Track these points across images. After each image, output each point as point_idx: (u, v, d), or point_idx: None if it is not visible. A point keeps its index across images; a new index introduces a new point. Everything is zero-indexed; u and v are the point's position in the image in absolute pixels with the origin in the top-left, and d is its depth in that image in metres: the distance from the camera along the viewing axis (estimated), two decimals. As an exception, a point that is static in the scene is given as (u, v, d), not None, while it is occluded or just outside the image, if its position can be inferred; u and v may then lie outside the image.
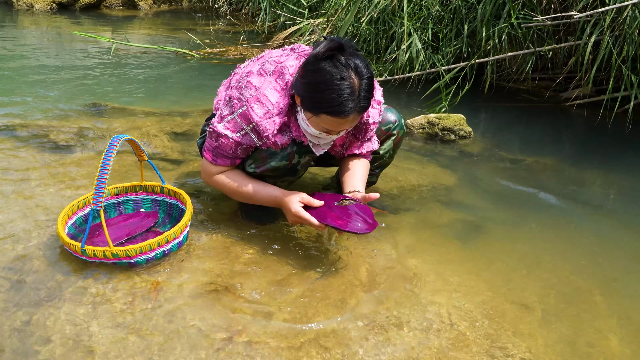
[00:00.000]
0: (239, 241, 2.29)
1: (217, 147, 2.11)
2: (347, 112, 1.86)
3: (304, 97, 1.93)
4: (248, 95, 2.01)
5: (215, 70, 4.79)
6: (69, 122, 3.40)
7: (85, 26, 6.22)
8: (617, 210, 2.83)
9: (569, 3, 3.97)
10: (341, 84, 1.83)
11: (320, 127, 1.96)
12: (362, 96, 1.86)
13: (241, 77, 2.09)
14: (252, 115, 2.00)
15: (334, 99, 1.84)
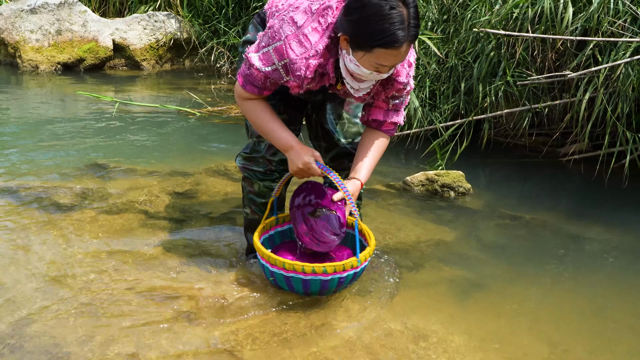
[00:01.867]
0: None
1: (249, 74, 2.12)
2: (400, 40, 1.86)
3: (354, 35, 1.92)
4: (288, 32, 2.01)
5: (217, 129, 4.86)
6: (71, 182, 3.44)
7: (89, 86, 6.33)
8: (616, 267, 2.84)
9: (562, 61, 4.06)
10: (391, 13, 1.83)
11: (373, 64, 1.94)
12: (412, 24, 1.87)
13: (288, 8, 2.07)
14: (288, 52, 2.00)
15: (386, 28, 1.84)
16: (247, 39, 2.35)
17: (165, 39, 7.36)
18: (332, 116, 2.51)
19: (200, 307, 2.26)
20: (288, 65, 2.03)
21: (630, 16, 3.61)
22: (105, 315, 2.17)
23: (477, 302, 2.42)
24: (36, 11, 6.96)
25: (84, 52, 6.99)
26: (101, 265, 2.53)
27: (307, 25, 2.00)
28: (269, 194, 2.47)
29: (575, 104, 3.85)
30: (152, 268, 2.54)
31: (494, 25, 4.01)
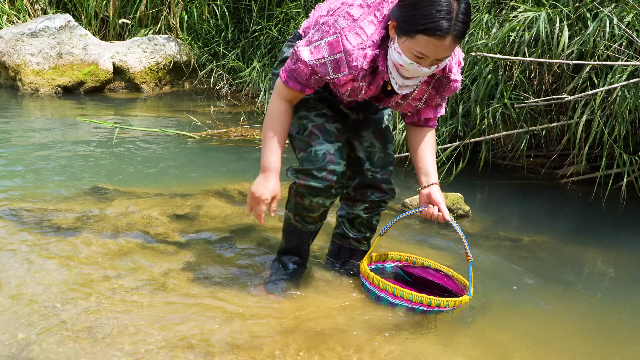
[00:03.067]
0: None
1: (294, 69, 2.11)
2: (443, 30, 1.84)
3: (400, 19, 1.92)
4: (344, 25, 2.01)
5: (216, 152, 4.88)
6: (71, 205, 3.45)
7: (90, 109, 6.37)
8: (615, 289, 2.84)
9: (559, 84, 4.09)
10: (440, 2, 1.82)
11: (414, 52, 1.92)
12: (460, 19, 1.85)
13: (342, 6, 2.09)
14: (344, 44, 2.00)
15: (432, 14, 1.82)
16: (285, 57, 2.36)
17: (165, 62, 7.41)
18: (365, 144, 2.50)
19: (204, 332, 2.26)
20: (341, 59, 2.03)
21: (625, 40, 3.65)
22: (105, 340, 2.17)
23: (475, 325, 2.42)
24: (37, 35, 7.02)
25: (84, 75, 7.04)
26: (100, 288, 2.53)
27: (364, 18, 2.01)
28: (319, 210, 2.39)
29: (573, 126, 3.88)
30: (152, 291, 2.54)
31: (491, 48, 4.05)
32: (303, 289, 2.60)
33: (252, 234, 3.20)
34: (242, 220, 3.36)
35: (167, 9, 7.53)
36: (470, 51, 4.23)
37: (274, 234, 3.20)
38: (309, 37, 2.11)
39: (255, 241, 3.10)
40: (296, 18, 6.40)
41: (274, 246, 3.04)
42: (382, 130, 2.53)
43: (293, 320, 2.36)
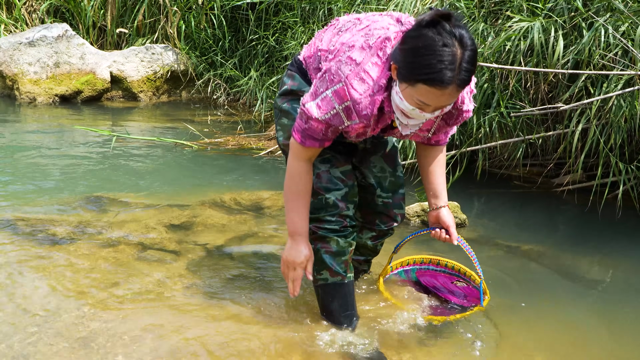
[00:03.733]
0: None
1: (307, 128, 2.01)
2: (445, 81, 1.73)
3: (401, 65, 1.81)
4: (347, 72, 1.90)
5: (213, 161, 4.89)
6: (67, 214, 3.44)
7: (87, 118, 6.37)
8: (610, 299, 2.85)
9: (555, 93, 4.11)
10: (442, 50, 1.71)
11: (415, 100, 1.82)
12: (464, 67, 1.74)
13: (342, 48, 1.97)
14: (351, 92, 1.90)
15: (432, 64, 1.72)
16: (286, 90, 2.24)
17: (162, 71, 7.42)
18: (375, 169, 2.44)
19: (200, 342, 2.25)
20: (351, 107, 1.92)
21: (621, 49, 3.67)
22: (100, 350, 2.16)
23: (477, 334, 2.42)
24: (34, 44, 7.03)
25: (82, 84, 7.05)
26: (96, 298, 2.52)
27: (367, 61, 1.90)
28: (349, 249, 2.28)
29: (569, 135, 3.89)
30: (148, 301, 2.54)
31: (487, 57, 4.06)
32: (300, 303, 2.60)
33: (248, 243, 3.20)
34: (238, 230, 3.36)
35: (165, 19, 7.55)
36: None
37: (271, 242, 3.20)
38: (314, 88, 2.01)
39: (251, 251, 3.10)
40: (293, 27, 6.41)
41: (270, 255, 3.04)
42: (390, 152, 2.47)
43: (290, 331, 2.36)
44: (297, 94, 2.20)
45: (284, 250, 2.21)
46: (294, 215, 2.17)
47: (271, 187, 4.06)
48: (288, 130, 2.20)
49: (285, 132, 2.25)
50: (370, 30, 1.96)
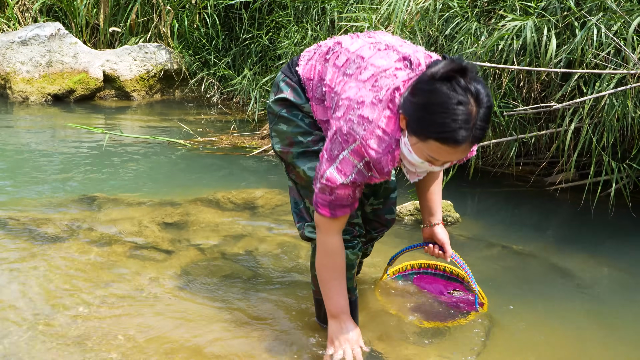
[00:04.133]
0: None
1: (334, 199, 1.92)
2: (459, 140, 1.65)
3: (412, 119, 1.72)
4: (362, 132, 1.80)
5: (207, 160, 4.88)
6: (60, 213, 3.43)
7: (79, 117, 6.35)
8: (603, 297, 2.86)
9: (548, 92, 4.12)
10: (457, 109, 1.63)
11: (425, 154, 1.75)
12: (478, 125, 1.65)
13: (351, 104, 1.84)
14: (369, 152, 1.81)
15: (446, 124, 1.64)
16: (285, 98, 2.11)
17: (155, 70, 7.40)
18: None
19: (193, 341, 2.25)
20: (371, 165, 1.85)
21: (613, 48, 3.68)
22: (94, 349, 2.16)
23: (470, 332, 2.43)
24: (27, 43, 7.00)
25: (75, 83, 7.02)
26: (89, 297, 2.52)
27: (380, 116, 1.79)
28: (357, 261, 2.21)
29: (561, 134, 3.90)
30: (141, 299, 2.53)
31: (480, 56, 4.07)
32: (294, 303, 2.60)
33: (241, 241, 3.19)
34: (231, 228, 3.35)
35: (158, 18, 7.52)
36: (459, 59, 4.26)
37: (264, 241, 3.19)
38: (328, 154, 1.89)
39: (244, 249, 3.10)
40: (287, 26, 6.40)
41: (263, 254, 3.04)
42: None
43: (284, 331, 2.36)
44: (297, 107, 2.09)
45: (330, 332, 2.11)
46: (336, 296, 2.06)
47: (264, 186, 4.06)
48: (287, 138, 2.11)
49: (284, 140, 2.13)
50: (378, 81, 1.84)
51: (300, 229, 2.22)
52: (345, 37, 2.07)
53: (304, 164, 2.09)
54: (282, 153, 2.16)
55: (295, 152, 2.11)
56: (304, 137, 2.10)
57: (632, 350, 2.39)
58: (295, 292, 2.66)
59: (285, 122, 2.12)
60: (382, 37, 2.03)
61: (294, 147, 2.11)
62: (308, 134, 2.10)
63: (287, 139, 2.12)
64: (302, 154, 2.10)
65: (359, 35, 2.06)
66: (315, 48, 2.12)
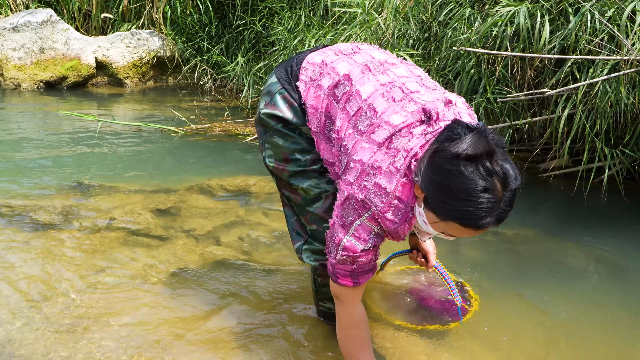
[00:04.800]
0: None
1: (357, 268, 1.79)
2: (481, 227, 1.54)
3: (432, 199, 1.59)
4: (379, 204, 1.67)
5: (200, 147, 4.86)
6: (53, 200, 3.42)
7: (72, 104, 6.32)
8: (595, 282, 2.87)
9: (542, 78, 4.11)
10: (481, 197, 1.49)
11: (442, 229, 1.64)
12: (502, 210, 1.53)
13: (365, 169, 1.69)
14: (386, 223, 1.70)
15: (469, 212, 1.52)
16: (281, 118, 1.95)
17: (148, 57, 7.37)
18: None
19: (187, 328, 2.25)
20: (387, 232, 1.75)
21: (607, 34, 3.67)
22: (86, 336, 2.16)
23: (457, 323, 2.44)
24: (18, 29, 6.95)
25: (67, 70, 6.99)
26: (82, 284, 2.52)
27: (397, 186, 1.66)
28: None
29: (555, 121, 3.90)
30: (134, 287, 2.53)
31: (473, 43, 4.06)
32: (288, 289, 2.60)
33: (235, 228, 3.19)
34: (225, 215, 3.35)
35: (150, 4, 7.48)
36: (453, 45, 4.24)
37: (258, 229, 3.19)
38: (340, 220, 1.77)
39: (238, 236, 3.10)
40: (280, 13, 6.37)
41: (257, 241, 3.04)
42: None
43: (277, 319, 2.36)
44: (295, 125, 1.94)
45: None
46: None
47: (258, 173, 4.05)
48: (283, 153, 1.97)
49: (278, 155, 1.98)
50: (393, 142, 1.68)
51: (298, 253, 2.10)
52: (354, 67, 1.86)
53: (302, 183, 1.98)
54: (275, 169, 2.01)
55: (291, 170, 1.98)
56: (301, 155, 1.96)
57: (622, 334, 2.40)
58: (289, 279, 2.66)
59: (282, 137, 1.96)
60: (396, 70, 1.84)
61: (289, 164, 1.97)
62: (306, 152, 1.96)
63: (283, 155, 1.97)
64: (300, 173, 1.97)
65: (369, 68, 1.84)
66: (320, 65, 1.91)
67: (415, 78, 1.82)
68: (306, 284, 2.61)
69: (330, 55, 1.92)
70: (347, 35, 5.08)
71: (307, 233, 2.06)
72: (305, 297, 2.50)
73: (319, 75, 1.89)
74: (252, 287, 2.57)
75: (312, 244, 2.04)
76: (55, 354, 2.04)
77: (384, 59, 1.89)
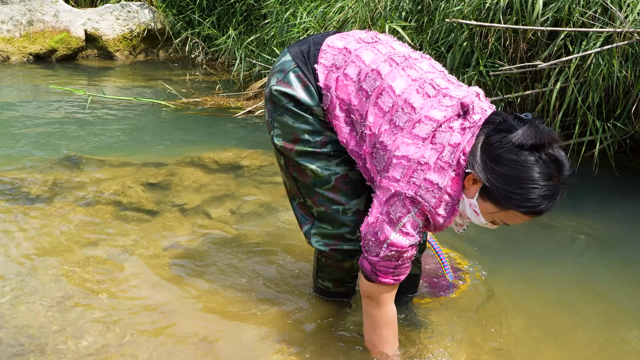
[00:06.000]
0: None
1: (401, 264, 1.79)
2: (542, 212, 1.62)
3: (496, 189, 1.61)
4: (432, 200, 1.67)
5: (191, 121, 4.84)
6: (42, 174, 3.40)
7: (62, 77, 6.26)
8: (585, 255, 2.89)
9: (534, 51, 4.09)
10: (546, 185, 1.57)
11: (496, 219, 1.69)
12: (560, 194, 1.62)
13: (411, 165, 1.68)
14: (436, 219, 1.72)
15: (534, 199, 1.58)
16: (292, 95, 1.90)
17: (138, 30, 7.29)
18: None
19: (175, 301, 2.26)
20: (434, 225, 1.76)
21: (600, 6, 3.65)
22: (76, 309, 2.16)
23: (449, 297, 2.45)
24: (7, 1, 6.86)
25: (56, 42, 6.91)
26: (73, 257, 2.51)
27: (448, 180, 1.67)
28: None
29: (547, 94, 3.89)
30: (125, 260, 2.53)
31: (466, 15, 4.03)
32: (279, 265, 2.61)
33: (226, 202, 3.19)
34: (216, 189, 3.34)
35: (141, -25, 7.39)
36: (445, 18, 4.21)
37: (249, 202, 3.19)
38: (387, 217, 1.73)
39: (229, 209, 3.09)
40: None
41: (248, 214, 3.04)
42: None
43: (270, 293, 2.37)
44: (308, 107, 1.90)
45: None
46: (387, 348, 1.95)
47: (249, 147, 4.04)
48: (292, 133, 1.92)
49: (287, 134, 1.93)
50: (436, 137, 1.67)
51: (306, 237, 2.07)
52: (378, 57, 1.82)
53: (311, 163, 1.93)
54: (282, 148, 1.96)
55: (299, 149, 1.93)
56: (311, 136, 1.91)
57: (610, 303, 2.42)
58: (280, 251, 2.67)
59: (292, 116, 1.91)
60: (421, 65, 1.82)
61: (297, 144, 1.92)
62: (317, 134, 1.91)
63: (292, 135, 1.92)
64: (309, 154, 1.93)
65: (395, 61, 1.81)
66: (342, 52, 1.87)
67: (439, 74, 1.82)
68: (298, 257, 2.61)
69: (352, 42, 1.88)
70: (339, 7, 5.03)
71: (313, 215, 2.03)
72: (298, 271, 2.50)
73: (343, 62, 1.85)
74: (243, 260, 2.58)
75: (320, 227, 2.01)
76: (47, 326, 2.04)
77: (407, 52, 1.87)
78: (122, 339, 2.00)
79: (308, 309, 2.24)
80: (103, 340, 2.00)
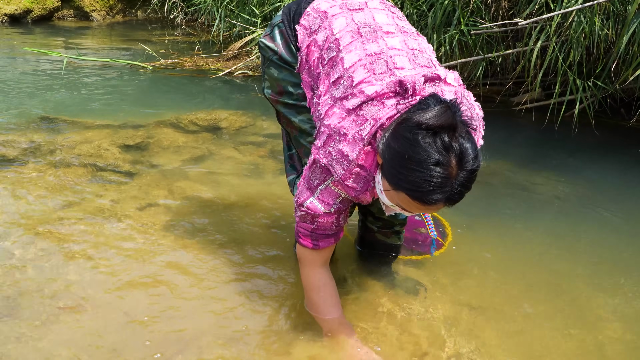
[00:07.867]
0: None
1: (316, 228, 1.80)
2: (429, 202, 1.49)
3: (387, 165, 1.53)
4: (340, 171, 1.64)
5: (170, 82, 4.77)
6: (18, 136, 3.35)
7: (37, 39, 6.13)
8: (565, 213, 2.90)
9: (516, 10, 4.06)
10: (433, 170, 1.45)
11: (396, 201, 1.59)
12: (455, 189, 1.49)
13: (332, 133, 1.65)
14: (348, 191, 1.68)
15: (419, 183, 1.46)
16: (274, 49, 1.95)
17: (115, -11, 7.15)
18: None
19: (152, 260, 2.24)
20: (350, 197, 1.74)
21: (582, -37, 3.61)
22: (52, 270, 2.14)
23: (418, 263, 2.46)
24: (-22, -40, 6.68)
25: (31, 2, 6.76)
26: (48, 218, 2.48)
27: (360, 154, 1.61)
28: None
29: (528, 53, 3.87)
30: (101, 221, 2.50)
31: (448, -27, 3.98)
32: (258, 222, 2.59)
33: (204, 162, 3.16)
34: (194, 151, 3.31)
35: None
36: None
37: (228, 163, 3.16)
38: (307, 182, 1.76)
39: (207, 169, 3.06)
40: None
41: (225, 174, 3.01)
42: None
43: (246, 257, 2.36)
44: (287, 63, 1.93)
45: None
46: (335, 326, 1.91)
47: (228, 108, 4.00)
48: (278, 85, 1.97)
49: (274, 86, 1.98)
50: (362, 109, 1.61)
51: (290, 186, 2.11)
52: (347, 27, 1.79)
53: (295, 117, 1.98)
54: (272, 100, 2.03)
55: (283, 101, 1.98)
56: (294, 89, 1.95)
57: (590, 260, 2.44)
58: (259, 211, 2.65)
59: (277, 68, 1.96)
60: (389, 40, 1.75)
61: (283, 96, 1.98)
62: (298, 86, 1.94)
63: (278, 87, 1.98)
64: (292, 107, 1.98)
65: (360, 33, 1.76)
66: (321, 16, 1.85)
67: (407, 52, 1.73)
68: (278, 217, 2.60)
69: (335, 7, 1.85)
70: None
71: (302, 167, 2.05)
72: (278, 230, 2.49)
73: (317, 27, 1.84)
74: (221, 223, 2.56)
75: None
76: (24, 287, 2.02)
77: (383, 23, 1.80)
78: (95, 299, 1.99)
79: (289, 270, 2.24)
80: (80, 300, 1.98)
